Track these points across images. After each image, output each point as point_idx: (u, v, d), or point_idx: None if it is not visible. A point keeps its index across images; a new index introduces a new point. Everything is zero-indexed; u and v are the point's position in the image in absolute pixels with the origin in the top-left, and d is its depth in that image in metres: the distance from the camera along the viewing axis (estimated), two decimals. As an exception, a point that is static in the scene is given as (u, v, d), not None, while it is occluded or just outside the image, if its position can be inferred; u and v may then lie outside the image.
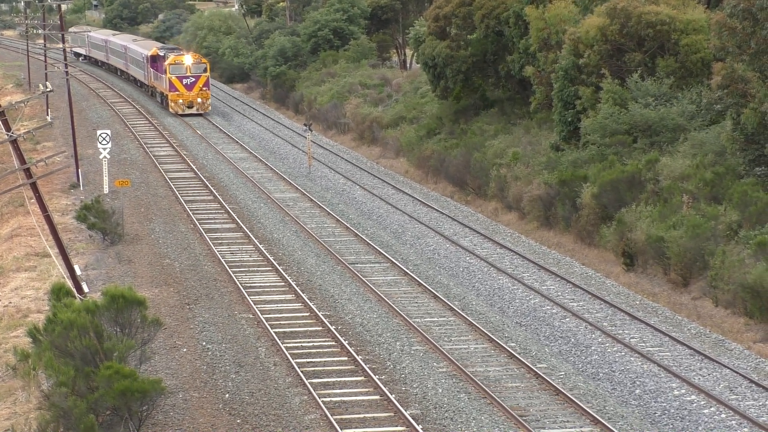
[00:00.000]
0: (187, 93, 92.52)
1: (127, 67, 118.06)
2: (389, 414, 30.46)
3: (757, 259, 38.47)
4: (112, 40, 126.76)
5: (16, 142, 36.97)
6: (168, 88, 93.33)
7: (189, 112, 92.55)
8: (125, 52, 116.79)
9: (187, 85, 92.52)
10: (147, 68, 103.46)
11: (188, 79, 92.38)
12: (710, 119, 48.98)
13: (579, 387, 32.41)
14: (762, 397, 31.66)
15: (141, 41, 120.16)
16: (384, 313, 39.62)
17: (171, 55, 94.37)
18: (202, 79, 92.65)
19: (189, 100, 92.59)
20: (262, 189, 62.92)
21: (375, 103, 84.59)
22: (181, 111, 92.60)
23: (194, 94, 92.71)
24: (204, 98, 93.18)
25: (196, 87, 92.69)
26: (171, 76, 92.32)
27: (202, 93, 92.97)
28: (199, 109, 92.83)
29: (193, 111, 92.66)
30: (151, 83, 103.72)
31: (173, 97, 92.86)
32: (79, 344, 28.96)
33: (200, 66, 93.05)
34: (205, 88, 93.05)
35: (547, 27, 57.95)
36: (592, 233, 48.46)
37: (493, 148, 60.30)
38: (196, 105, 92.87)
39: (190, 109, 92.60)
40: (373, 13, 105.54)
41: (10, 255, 51.63)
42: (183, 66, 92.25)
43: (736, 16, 42.09)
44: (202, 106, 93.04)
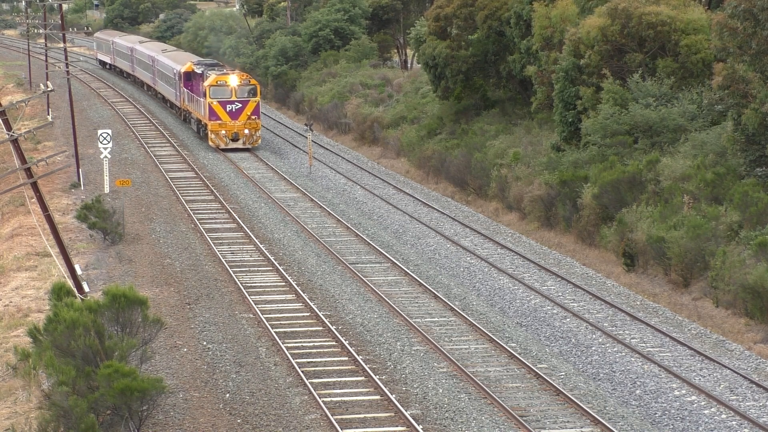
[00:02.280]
0: (232, 122, 74.87)
1: (155, 83, 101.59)
2: (390, 414, 30.47)
3: (757, 259, 38.47)
4: (139, 49, 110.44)
5: (16, 142, 36.98)
6: (207, 115, 75.41)
7: (233, 146, 75.25)
8: (153, 65, 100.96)
9: (232, 113, 74.73)
10: (179, 87, 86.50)
11: (233, 104, 74.69)
12: (711, 120, 48.98)
13: (579, 387, 32.41)
14: (762, 398, 31.66)
15: (171, 52, 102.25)
16: (384, 313, 39.63)
17: (211, 74, 76.43)
18: (250, 105, 75.01)
19: (234, 131, 74.94)
20: (263, 189, 62.93)
21: (376, 103, 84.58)
22: (223, 144, 75.12)
23: (241, 123, 74.90)
24: (253, 129, 75.50)
25: (243, 114, 74.89)
26: (212, 100, 74.31)
27: (251, 123, 75.23)
28: (246, 142, 75.32)
29: (239, 145, 75.19)
30: (184, 106, 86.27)
31: (214, 127, 75.00)
32: (81, 343, 28.96)
33: (248, 88, 75.33)
34: (254, 116, 75.31)
35: (550, 26, 57.96)
36: (592, 233, 48.47)
37: (494, 149, 60.30)
38: (242, 137, 75.14)
39: (234, 142, 75.16)
40: (374, 13, 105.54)
41: (11, 254, 51.63)
42: (227, 88, 74.69)
43: (737, 16, 42.09)
44: (250, 139, 75.44)
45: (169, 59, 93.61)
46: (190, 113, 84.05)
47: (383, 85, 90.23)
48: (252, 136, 75.40)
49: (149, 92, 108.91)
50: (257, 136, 75.63)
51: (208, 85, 74.38)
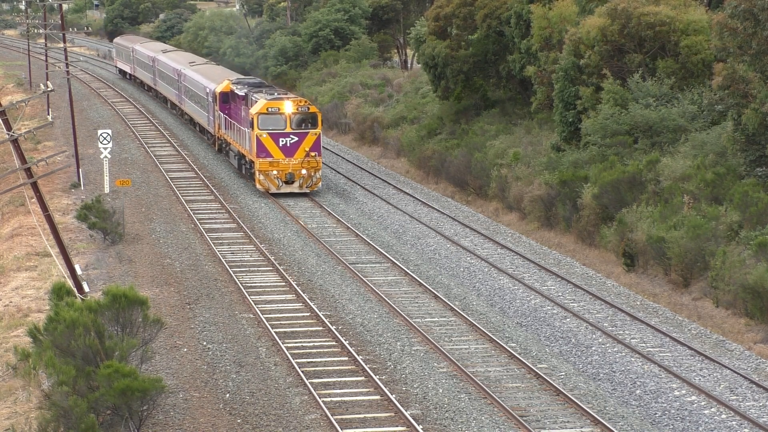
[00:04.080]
0: (286, 160, 60.08)
1: (181, 101, 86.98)
2: (390, 414, 30.47)
3: (757, 259, 38.47)
4: (162, 60, 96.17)
5: (16, 142, 36.99)
6: (254, 150, 60.24)
7: (287, 189, 60.29)
8: (179, 80, 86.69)
9: (286, 148, 59.93)
10: (214, 110, 71.99)
11: (288, 138, 59.82)
12: (711, 120, 48.99)
13: (579, 387, 32.41)
14: (762, 398, 31.66)
15: (201, 65, 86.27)
16: (385, 313, 39.63)
17: (259, 98, 61.53)
18: (309, 138, 60.00)
19: (288, 172, 60.10)
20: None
21: (376, 103, 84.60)
22: (274, 188, 60.20)
23: (297, 162, 60.08)
24: (312, 169, 60.42)
25: (300, 150, 60.01)
26: (261, 132, 59.57)
27: (310, 161, 60.31)
28: (303, 185, 60.34)
29: (294, 189, 60.27)
30: (219, 134, 71.92)
31: (263, 166, 59.97)
32: (81, 343, 28.97)
33: (307, 117, 60.28)
34: (313, 152, 60.21)
35: (549, 26, 57.98)
36: (592, 234, 48.47)
37: (494, 149, 60.31)
38: (299, 178, 60.28)
39: (289, 185, 60.26)
40: (374, 13, 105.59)
41: (11, 254, 51.64)
42: (281, 117, 59.84)
43: (737, 16, 42.11)
44: (309, 181, 60.54)
45: (200, 75, 79.29)
46: (228, 144, 69.39)
47: (383, 85, 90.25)
48: (311, 178, 60.32)
49: (173, 110, 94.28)
50: (317, 177, 60.54)
51: (257, 112, 59.50)
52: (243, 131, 63.15)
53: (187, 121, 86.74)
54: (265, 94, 62.26)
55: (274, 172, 59.99)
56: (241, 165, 65.91)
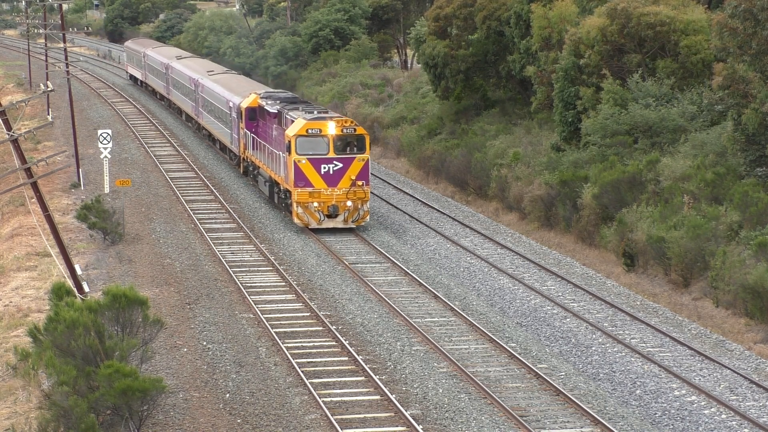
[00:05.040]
0: (329, 190, 51.53)
1: (199, 115, 78.91)
2: (390, 414, 30.47)
3: (757, 259, 38.48)
4: (176, 68, 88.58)
5: (16, 142, 37.00)
6: (292, 178, 51.65)
7: (330, 224, 51.96)
8: (196, 90, 79.07)
9: (329, 176, 51.48)
10: (237, 127, 64.33)
11: (331, 164, 51.41)
12: (711, 120, 49.00)
13: (579, 387, 32.41)
14: (762, 398, 31.66)
15: (221, 75, 78.24)
16: (384, 313, 39.63)
17: (296, 116, 53.02)
18: (355, 164, 51.50)
19: (332, 204, 51.66)
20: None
21: (376, 103, 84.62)
22: (315, 222, 51.80)
23: (341, 192, 51.60)
24: (359, 200, 51.85)
25: (345, 179, 51.47)
26: (299, 157, 51.16)
27: (356, 191, 51.61)
28: (349, 219, 52.03)
29: (338, 223, 52.01)
30: (246, 155, 63.48)
31: (302, 197, 51.56)
32: (81, 343, 28.98)
33: (353, 140, 51.73)
34: (361, 181, 51.61)
35: (549, 26, 57.99)
36: (592, 234, 48.48)
37: (494, 149, 60.32)
38: (343, 211, 51.81)
39: (332, 219, 51.88)
40: (374, 13, 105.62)
41: (11, 254, 51.64)
42: (322, 139, 51.33)
43: (737, 16, 42.12)
44: (355, 214, 52.07)
45: (221, 86, 71.64)
46: (256, 168, 60.77)
47: (383, 85, 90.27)
48: (357, 211, 51.80)
49: (189, 123, 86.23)
50: (365, 210, 51.93)
51: (295, 134, 51.12)
52: (276, 154, 54.60)
53: (205, 136, 79.00)
54: (302, 112, 53.59)
55: (314, 204, 51.45)
56: (273, 193, 56.78)
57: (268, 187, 57.74)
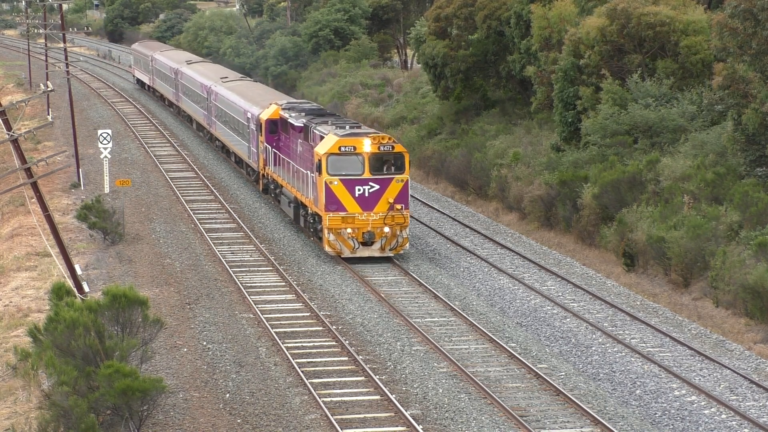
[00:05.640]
0: (364, 215, 46.21)
1: (212, 125, 73.91)
2: (390, 414, 30.47)
3: (757, 259, 38.48)
4: (186, 73, 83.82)
5: (16, 142, 37.01)
6: (322, 201, 46.43)
7: (365, 253, 46.60)
8: (208, 98, 74.14)
9: (364, 199, 46.23)
10: (257, 141, 58.87)
11: (367, 185, 46.14)
12: (711, 120, 49.01)
13: (579, 387, 32.41)
14: (762, 398, 31.66)
15: (236, 82, 72.91)
16: (384, 313, 39.63)
17: (326, 131, 47.78)
18: (393, 186, 46.24)
19: (367, 230, 46.34)
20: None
21: (376, 103, 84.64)
22: (348, 251, 46.51)
23: (378, 217, 46.25)
24: (397, 226, 46.43)
25: (382, 202, 46.25)
26: (330, 177, 45.96)
27: (395, 216, 46.28)
28: (386, 246, 46.56)
29: (374, 251, 46.57)
30: (266, 171, 57.80)
31: (333, 223, 46.22)
32: (81, 343, 28.99)
33: (391, 158, 46.42)
34: (400, 205, 46.35)
35: (549, 26, 58.01)
36: (592, 234, 48.48)
37: (494, 149, 60.33)
38: (380, 238, 46.46)
39: (367, 247, 46.52)
40: (374, 13, 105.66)
41: (11, 254, 51.65)
42: (357, 158, 46.10)
43: (737, 16, 42.12)
44: (393, 241, 46.66)
45: (236, 95, 66.73)
46: (278, 186, 55.51)
47: (383, 85, 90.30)
48: (396, 238, 46.49)
49: (200, 132, 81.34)
50: (404, 237, 46.63)
51: (327, 152, 45.86)
52: (302, 174, 49.42)
53: (218, 148, 74.05)
54: (332, 126, 48.38)
55: (348, 231, 46.09)
56: (299, 216, 51.67)
57: (292, 208, 52.38)
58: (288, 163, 52.53)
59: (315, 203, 47.58)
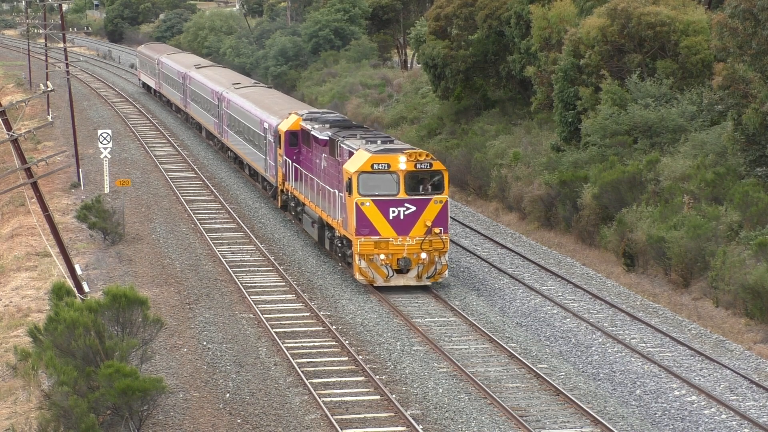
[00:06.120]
0: (399, 239, 41.85)
1: (224, 134, 70.12)
2: (390, 414, 30.47)
3: (757, 259, 38.48)
4: (195, 78, 79.99)
5: (16, 142, 37.01)
6: (353, 223, 42.02)
7: (400, 281, 42.23)
8: (219, 106, 70.61)
9: (399, 221, 41.83)
10: (275, 153, 54.91)
11: (402, 207, 41.75)
12: (711, 120, 49.01)
13: (579, 387, 32.41)
14: (762, 398, 31.67)
15: (249, 88, 69.31)
16: (384, 314, 39.63)
17: (356, 146, 43.36)
18: (431, 208, 41.81)
19: (402, 257, 41.92)
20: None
21: (376, 103, 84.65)
22: (382, 279, 42.08)
23: (415, 242, 41.77)
24: (435, 252, 42.00)
25: (419, 225, 41.83)
26: (362, 198, 41.63)
27: (433, 240, 41.80)
28: (423, 274, 42.12)
29: (410, 280, 42.22)
30: (286, 187, 53.67)
31: (365, 248, 41.87)
32: (81, 343, 28.99)
33: (428, 177, 42.12)
34: (439, 228, 41.82)
35: (549, 26, 58.00)
36: (592, 234, 48.48)
37: (494, 149, 60.33)
38: (416, 264, 42.01)
39: (402, 275, 42.16)
40: (374, 13, 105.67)
41: (11, 254, 51.66)
42: (391, 177, 41.80)
43: (737, 16, 42.11)
44: (431, 269, 42.20)
45: (251, 103, 62.87)
46: (300, 204, 51.23)
47: (383, 85, 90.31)
48: (434, 264, 42.13)
49: (210, 141, 77.80)
50: (443, 263, 42.22)
51: (358, 170, 41.55)
52: (329, 192, 45.04)
53: (231, 159, 70.61)
54: (362, 140, 43.82)
55: (381, 257, 41.79)
56: (324, 238, 47.27)
57: (316, 229, 47.97)
58: (311, 179, 48.31)
59: (344, 226, 43.13)
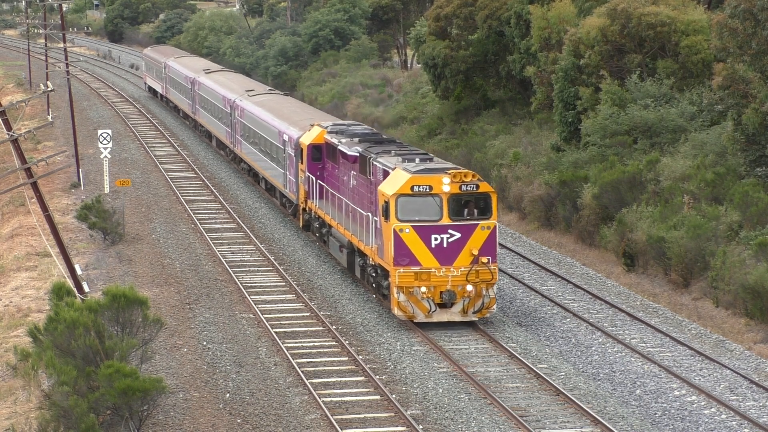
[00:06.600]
0: (442, 270, 37.32)
1: (236, 144, 66.32)
2: (390, 414, 30.47)
3: (757, 259, 38.47)
4: (205, 84, 76.10)
5: (17, 142, 37.01)
6: (390, 252, 37.56)
7: (444, 317, 37.68)
8: (232, 114, 66.63)
9: (442, 250, 37.35)
10: (296, 168, 50.56)
11: (446, 234, 37.30)
12: (711, 120, 49.01)
13: (579, 387, 32.41)
14: (762, 398, 31.66)
15: (265, 96, 65.34)
16: (384, 313, 39.61)
17: (393, 166, 38.83)
18: (478, 234, 37.39)
19: (446, 289, 37.39)
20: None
21: (376, 103, 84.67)
22: (423, 315, 37.61)
23: (460, 273, 37.31)
24: (483, 284, 37.53)
25: (465, 254, 37.36)
26: (401, 224, 37.23)
27: (480, 271, 37.42)
28: (469, 308, 37.68)
29: (455, 315, 37.67)
30: (309, 206, 49.00)
31: (405, 280, 37.37)
32: (81, 343, 28.99)
33: (473, 200, 37.61)
34: (486, 258, 37.41)
35: (548, 27, 58.00)
36: (592, 234, 48.48)
37: (494, 149, 60.33)
38: (461, 298, 37.53)
39: (446, 309, 37.60)
40: (374, 13, 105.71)
41: (11, 254, 51.65)
42: (433, 200, 37.30)
43: (737, 16, 42.11)
44: (477, 302, 37.73)
45: (268, 112, 58.81)
46: (326, 226, 46.82)
47: (383, 85, 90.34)
48: (480, 298, 37.68)
49: (221, 150, 73.71)
50: (491, 296, 37.80)
51: (396, 193, 37.12)
52: (360, 215, 40.77)
53: (244, 171, 66.30)
54: (398, 158, 39.48)
55: (422, 290, 37.31)
56: (354, 264, 42.95)
57: (345, 255, 43.66)
58: (339, 198, 43.90)
59: (379, 254, 38.70)
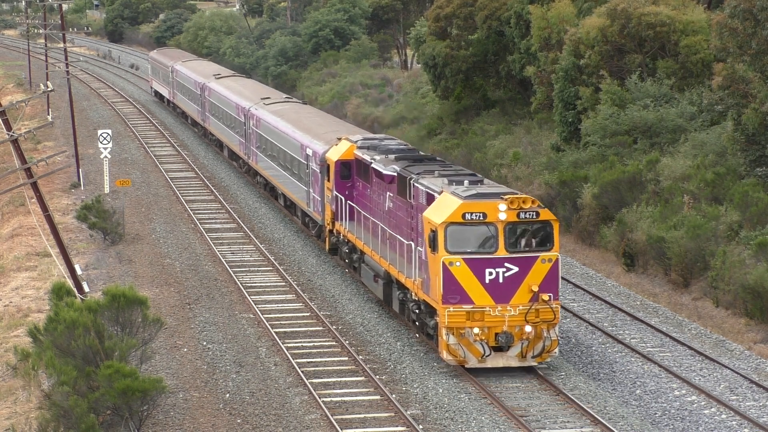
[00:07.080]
0: (498, 308, 32.59)
1: (251, 156, 61.85)
2: (390, 414, 30.47)
3: (757, 259, 38.47)
4: (216, 91, 71.68)
5: (16, 142, 37.02)
6: (438, 288, 32.80)
7: (500, 363, 33.12)
8: (246, 123, 62.28)
9: (497, 286, 32.65)
10: (321, 186, 46.46)
11: (502, 267, 32.63)
12: (711, 120, 49.01)
13: (579, 387, 32.40)
14: (762, 398, 31.66)
15: (282, 104, 60.71)
16: (384, 313, 39.61)
17: (439, 189, 34.10)
18: (538, 268, 32.81)
19: (502, 330, 32.71)
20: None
21: (376, 103, 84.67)
22: (476, 359, 32.92)
23: (518, 312, 32.60)
24: (543, 324, 32.87)
25: (523, 290, 32.74)
26: (451, 257, 32.40)
27: (540, 310, 32.78)
28: (528, 352, 33.05)
29: (512, 359, 33.12)
30: (336, 228, 44.33)
31: (455, 320, 32.56)
32: (81, 343, 29.00)
33: (532, 229, 32.92)
34: (548, 295, 32.71)
35: (548, 27, 58.01)
36: (592, 233, 48.48)
37: (494, 149, 60.33)
38: (519, 340, 32.89)
39: (501, 353, 33.03)
40: (374, 13, 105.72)
41: (11, 254, 51.65)
42: (488, 229, 32.63)
43: (736, 16, 42.11)
44: (538, 345, 33.11)
45: (288, 123, 54.19)
46: (357, 251, 42.23)
47: (383, 85, 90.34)
48: (540, 341, 33.17)
49: (234, 161, 69.28)
50: (552, 339, 33.25)
51: (445, 222, 32.50)
52: (399, 243, 36.32)
53: (260, 184, 61.75)
54: (443, 179, 34.75)
55: (475, 331, 32.73)
56: (392, 297, 38.49)
57: (381, 286, 39.03)
58: (373, 222, 39.40)
59: (424, 289, 34.10)
